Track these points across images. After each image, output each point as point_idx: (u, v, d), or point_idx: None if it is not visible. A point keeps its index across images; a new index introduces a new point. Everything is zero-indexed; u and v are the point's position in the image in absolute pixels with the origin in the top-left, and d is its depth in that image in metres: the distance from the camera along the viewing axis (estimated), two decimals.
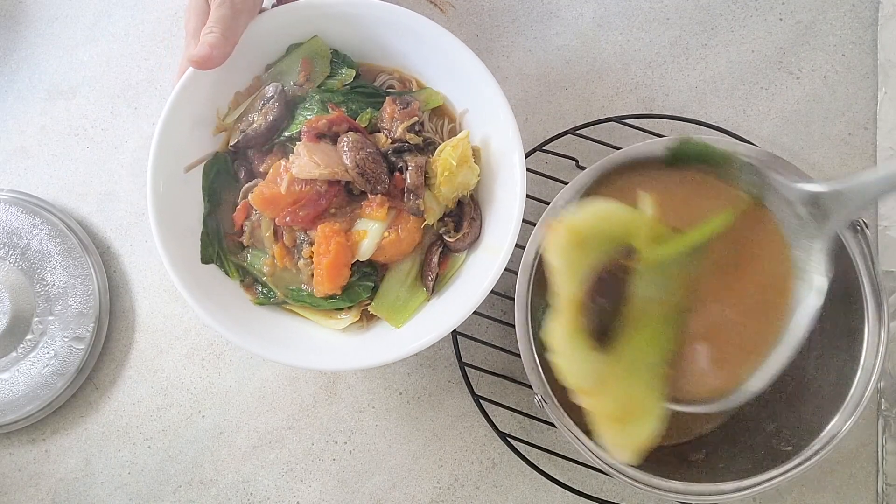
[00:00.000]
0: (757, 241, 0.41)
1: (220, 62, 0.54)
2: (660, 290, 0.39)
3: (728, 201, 0.42)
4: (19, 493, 0.68)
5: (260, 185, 0.58)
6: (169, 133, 0.57)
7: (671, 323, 0.39)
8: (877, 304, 0.53)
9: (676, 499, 0.54)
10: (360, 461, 0.68)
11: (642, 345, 0.38)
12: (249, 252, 0.60)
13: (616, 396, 0.37)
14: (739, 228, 0.41)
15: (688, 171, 0.43)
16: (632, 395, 0.37)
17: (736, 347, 0.40)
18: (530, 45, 0.74)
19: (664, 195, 0.41)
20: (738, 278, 0.41)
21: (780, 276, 0.40)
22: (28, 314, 0.68)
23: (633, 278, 0.39)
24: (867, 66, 0.73)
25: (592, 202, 0.40)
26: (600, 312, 0.37)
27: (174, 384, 0.69)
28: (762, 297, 0.40)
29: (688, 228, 0.40)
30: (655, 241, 0.39)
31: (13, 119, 0.75)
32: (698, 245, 0.40)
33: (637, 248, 0.39)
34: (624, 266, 0.39)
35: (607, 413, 0.37)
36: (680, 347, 0.39)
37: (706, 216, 0.40)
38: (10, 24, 0.76)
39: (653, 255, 0.39)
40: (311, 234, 0.58)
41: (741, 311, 0.41)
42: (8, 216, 0.69)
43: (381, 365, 0.57)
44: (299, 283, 0.60)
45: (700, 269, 0.40)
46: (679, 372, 0.40)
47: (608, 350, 0.37)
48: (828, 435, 0.53)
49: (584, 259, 0.38)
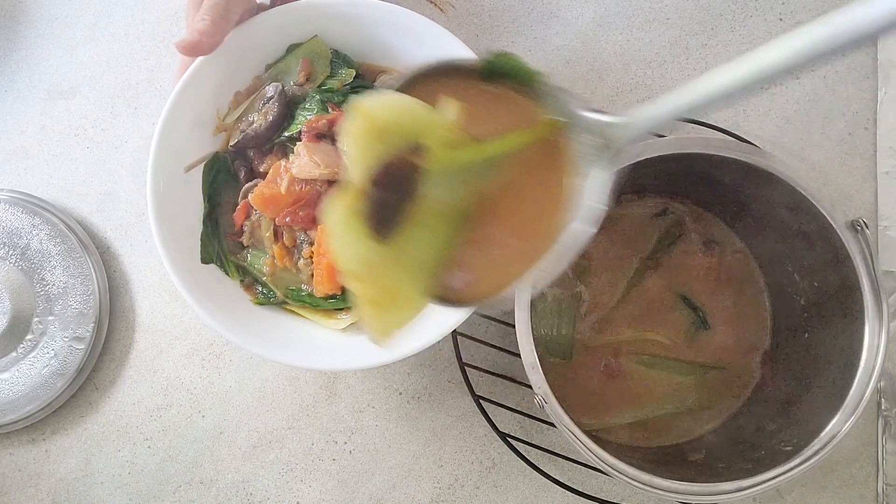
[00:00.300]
0: (548, 164, 0.41)
1: (208, 50, 0.55)
2: (445, 194, 0.40)
3: (530, 121, 0.42)
4: (19, 493, 0.68)
5: (260, 186, 0.58)
6: (169, 133, 0.57)
7: (450, 227, 0.40)
8: (877, 304, 0.53)
9: (676, 499, 0.54)
10: (360, 461, 0.68)
11: (417, 241, 0.39)
12: (249, 252, 0.60)
13: (382, 284, 0.38)
14: (535, 149, 0.41)
15: (500, 87, 0.43)
16: (398, 285, 0.39)
17: (504, 259, 0.41)
18: (530, 45, 0.74)
19: (471, 104, 0.41)
20: (521, 196, 0.42)
21: (561, 199, 0.40)
22: (28, 314, 0.68)
23: (421, 177, 0.39)
24: (867, 66, 0.73)
25: (393, 94, 0.40)
26: (384, 205, 0.38)
27: (174, 384, 0.69)
28: (540, 217, 0.42)
29: (485, 140, 0.40)
30: (450, 145, 0.40)
31: (13, 119, 0.74)
32: (492, 158, 0.41)
33: (430, 148, 0.39)
34: (414, 164, 0.39)
35: (370, 297, 0.38)
36: (453, 251, 0.40)
37: (506, 132, 0.41)
38: (10, 24, 0.76)
39: (444, 158, 0.39)
40: (311, 234, 0.58)
41: (516, 227, 0.42)
42: (8, 216, 0.69)
43: (381, 365, 0.57)
44: (299, 283, 0.60)
45: (489, 182, 0.41)
46: (447, 273, 0.41)
47: (384, 241, 0.38)
48: (828, 435, 0.53)
49: (375, 148, 0.37)
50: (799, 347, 0.62)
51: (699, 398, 0.65)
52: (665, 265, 0.67)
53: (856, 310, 0.55)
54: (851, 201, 0.71)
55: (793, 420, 0.58)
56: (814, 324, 0.60)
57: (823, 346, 0.59)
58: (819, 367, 0.59)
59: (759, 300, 0.67)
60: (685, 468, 0.60)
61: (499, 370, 0.67)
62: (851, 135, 0.72)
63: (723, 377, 0.65)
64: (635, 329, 0.66)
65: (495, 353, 0.68)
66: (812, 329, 0.61)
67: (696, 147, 0.57)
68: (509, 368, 0.68)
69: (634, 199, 0.68)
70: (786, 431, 0.57)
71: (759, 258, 0.67)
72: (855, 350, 0.54)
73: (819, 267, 0.59)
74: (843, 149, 0.72)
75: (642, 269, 0.66)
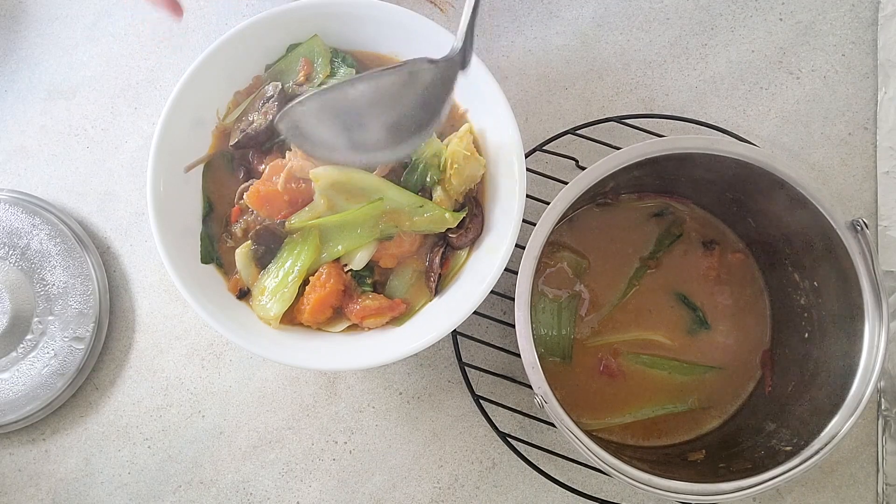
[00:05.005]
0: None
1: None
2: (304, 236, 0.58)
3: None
4: (19, 493, 0.68)
5: (256, 184, 0.58)
6: (169, 133, 0.57)
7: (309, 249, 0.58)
8: (877, 305, 0.53)
9: (676, 499, 0.54)
10: (360, 461, 0.68)
11: (287, 263, 0.58)
12: None
13: (269, 293, 0.58)
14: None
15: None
16: (280, 291, 0.58)
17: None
18: (530, 45, 0.74)
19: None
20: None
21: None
22: (28, 314, 0.68)
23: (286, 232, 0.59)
24: (867, 66, 0.73)
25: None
26: (266, 249, 0.59)
27: (174, 384, 0.69)
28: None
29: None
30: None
31: (13, 119, 0.75)
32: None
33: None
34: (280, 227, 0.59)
35: (261, 306, 0.59)
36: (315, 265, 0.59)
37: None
38: (10, 24, 0.76)
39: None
40: None
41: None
42: (8, 216, 0.69)
43: (381, 365, 0.57)
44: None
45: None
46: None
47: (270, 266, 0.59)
48: (828, 435, 0.53)
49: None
50: (799, 347, 0.62)
51: (699, 398, 0.65)
52: (665, 265, 0.67)
53: (856, 310, 0.55)
54: (851, 201, 0.71)
55: (793, 420, 0.58)
56: (814, 324, 0.60)
57: (823, 345, 0.59)
58: (819, 366, 0.59)
59: (759, 300, 0.67)
60: (685, 468, 0.59)
61: (499, 370, 0.67)
62: (851, 135, 0.72)
63: (723, 377, 0.65)
64: (635, 329, 0.66)
65: (495, 353, 0.68)
66: (812, 329, 0.61)
67: (696, 147, 0.57)
68: (509, 368, 0.68)
69: (634, 199, 0.68)
70: (786, 431, 0.57)
71: (759, 258, 0.67)
72: (855, 350, 0.54)
73: (819, 267, 0.59)
74: (843, 149, 0.72)
75: (642, 269, 0.66)
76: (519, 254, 0.56)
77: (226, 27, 0.74)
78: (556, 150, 0.69)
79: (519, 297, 0.55)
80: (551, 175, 0.69)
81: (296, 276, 0.57)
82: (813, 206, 0.55)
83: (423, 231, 0.58)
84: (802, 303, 0.62)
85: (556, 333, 0.64)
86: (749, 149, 0.56)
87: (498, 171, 0.59)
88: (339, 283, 0.57)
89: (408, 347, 0.55)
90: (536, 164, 0.71)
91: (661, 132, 0.69)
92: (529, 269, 0.55)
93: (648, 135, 0.69)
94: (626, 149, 0.57)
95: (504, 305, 0.69)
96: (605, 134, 0.70)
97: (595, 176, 0.56)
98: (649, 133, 0.69)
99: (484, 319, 0.69)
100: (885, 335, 0.53)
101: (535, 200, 0.68)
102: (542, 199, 0.68)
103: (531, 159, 0.70)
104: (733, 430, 0.63)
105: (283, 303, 0.57)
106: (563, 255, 0.66)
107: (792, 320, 0.63)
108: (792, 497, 0.66)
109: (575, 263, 0.66)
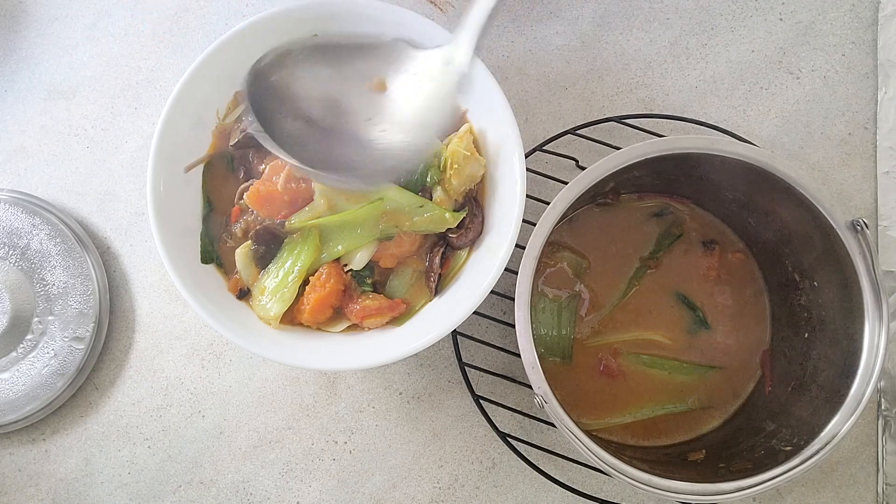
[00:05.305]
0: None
1: None
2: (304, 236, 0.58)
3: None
4: (19, 493, 0.68)
5: (256, 184, 0.58)
6: (169, 133, 0.57)
7: (310, 251, 0.58)
8: (877, 305, 0.53)
9: (676, 499, 0.54)
10: (360, 461, 0.68)
11: (287, 263, 0.58)
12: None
13: (269, 293, 0.58)
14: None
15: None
16: (280, 291, 0.58)
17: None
18: (530, 45, 0.74)
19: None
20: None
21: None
22: (28, 314, 0.68)
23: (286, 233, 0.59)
24: (867, 66, 0.73)
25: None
26: (266, 249, 0.59)
27: (174, 384, 0.69)
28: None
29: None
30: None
31: (13, 119, 0.75)
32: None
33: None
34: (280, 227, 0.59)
35: (261, 306, 0.58)
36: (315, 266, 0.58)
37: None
38: (10, 24, 0.76)
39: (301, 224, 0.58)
40: None
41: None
42: (8, 216, 0.69)
43: (381, 365, 0.57)
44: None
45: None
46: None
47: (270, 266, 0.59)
48: (828, 435, 0.53)
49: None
50: (799, 347, 0.62)
51: (699, 398, 0.65)
52: (665, 265, 0.67)
53: (856, 310, 0.55)
54: (851, 201, 0.71)
55: (793, 420, 0.58)
56: (814, 324, 0.60)
57: (823, 346, 0.59)
58: (819, 367, 0.59)
59: (759, 300, 0.67)
60: (685, 468, 0.59)
61: (499, 370, 0.67)
62: (851, 135, 0.72)
63: (723, 377, 0.65)
64: (635, 329, 0.66)
65: (495, 353, 0.68)
66: (812, 329, 0.61)
67: (696, 147, 0.57)
68: (509, 368, 0.68)
69: (634, 199, 0.68)
70: (786, 431, 0.57)
71: (759, 258, 0.67)
72: (855, 350, 0.54)
73: (819, 267, 0.59)
74: (843, 149, 0.72)
75: (642, 269, 0.66)
76: (519, 254, 0.56)
77: (226, 27, 0.74)
78: (556, 150, 0.69)
79: (519, 297, 0.55)
80: (551, 175, 0.69)
81: (296, 276, 0.57)
82: (813, 206, 0.55)
83: (423, 231, 0.58)
84: (802, 303, 0.62)
85: (556, 333, 0.64)
86: (749, 149, 0.56)
87: (498, 171, 0.59)
88: (339, 283, 0.57)
89: (408, 347, 0.55)
90: (536, 165, 0.71)
91: (661, 132, 0.69)
92: (529, 269, 0.55)
93: (648, 135, 0.69)
94: (626, 149, 0.57)
95: (504, 305, 0.69)
96: (605, 134, 0.70)
97: (595, 176, 0.56)
98: (649, 133, 0.69)
99: (484, 319, 0.69)
100: (885, 335, 0.53)
101: (535, 200, 0.68)
102: (542, 199, 0.68)
103: (531, 159, 0.70)
104: (733, 430, 0.63)
105: (283, 303, 0.57)
106: (563, 255, 0.66)
107: (792, 320, 0.63)
108: (792, 497, 0.66)
109: (575, 263, 0.66)
